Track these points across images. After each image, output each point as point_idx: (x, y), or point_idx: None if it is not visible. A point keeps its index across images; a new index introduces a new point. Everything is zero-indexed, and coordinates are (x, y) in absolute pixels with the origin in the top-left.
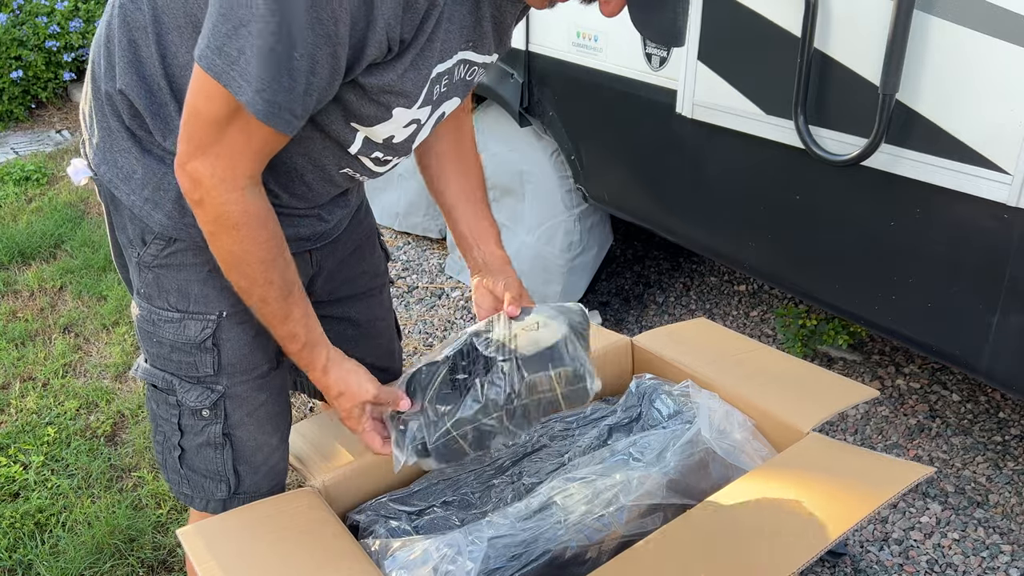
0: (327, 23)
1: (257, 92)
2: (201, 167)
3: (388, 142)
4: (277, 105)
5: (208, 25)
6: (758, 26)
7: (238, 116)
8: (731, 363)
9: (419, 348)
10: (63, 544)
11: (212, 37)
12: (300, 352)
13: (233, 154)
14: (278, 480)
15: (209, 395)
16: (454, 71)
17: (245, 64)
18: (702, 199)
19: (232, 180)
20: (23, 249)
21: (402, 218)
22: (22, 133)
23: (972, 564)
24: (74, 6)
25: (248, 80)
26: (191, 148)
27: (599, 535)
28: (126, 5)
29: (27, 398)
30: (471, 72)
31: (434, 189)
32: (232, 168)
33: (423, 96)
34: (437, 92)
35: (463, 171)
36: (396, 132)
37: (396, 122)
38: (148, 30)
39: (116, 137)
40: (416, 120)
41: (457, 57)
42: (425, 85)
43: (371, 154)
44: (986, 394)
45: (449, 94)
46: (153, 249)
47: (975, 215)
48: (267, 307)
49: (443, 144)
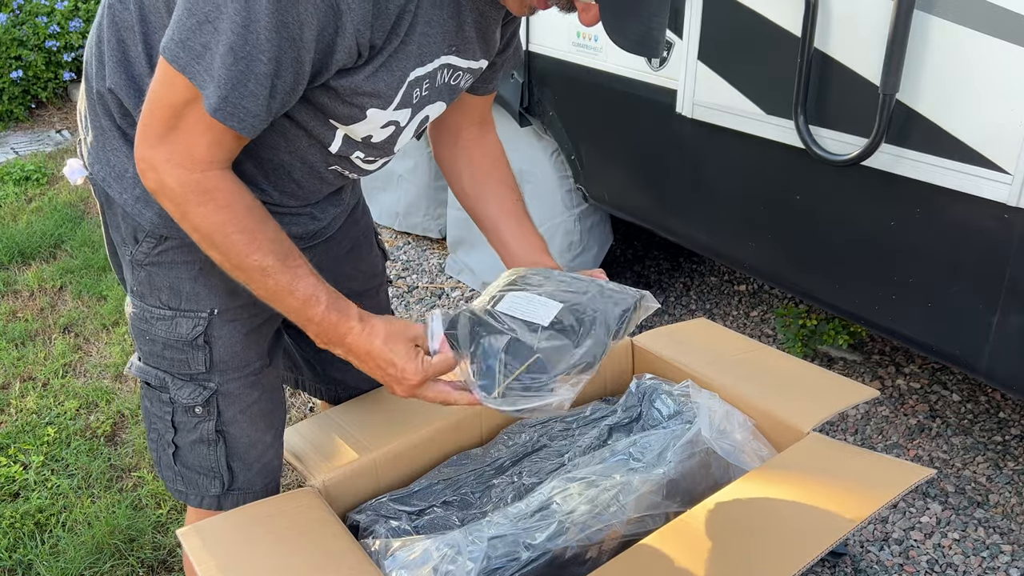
0: (292, 27)
1: (217, 88)
2: (156, 154)
3: (367, 141)
4: (234, 105)
5: (175, 17)
6: (758, 26)
7: (195, 104)
8: (731, 363)
9: None
10: (63, 544)
11: (177, 30)
12: (327, 315)
13: (189, 141)
14: (272, 477)
15: (202, 392)
16: (436, 75)
17: (210, 59)
18: (702, 199)
19: (188, 164)
20: (23, 249)
21: (402, 218)
22: (22, 133)
23: (972, 564)
24: (74, 6)
25: (211, 75)
26: (147, 138)
27: (599, 535)
28: (114, 5)
29: (27, 398)
30: (455, 77)
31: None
32: (188, 154)
33: (399, 98)
34: (417, 96)
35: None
36: (374, 132)
37: (372, 123)
38: (135, 30)
39: (108, 136)
40: (394, 122)
41: (438, 62)
42: (401, 88)
43: (352, 153)
44: (986, 394)
45: (432, 98)
46: (145, 247)
47: (975, 215)
48: (270, 279)
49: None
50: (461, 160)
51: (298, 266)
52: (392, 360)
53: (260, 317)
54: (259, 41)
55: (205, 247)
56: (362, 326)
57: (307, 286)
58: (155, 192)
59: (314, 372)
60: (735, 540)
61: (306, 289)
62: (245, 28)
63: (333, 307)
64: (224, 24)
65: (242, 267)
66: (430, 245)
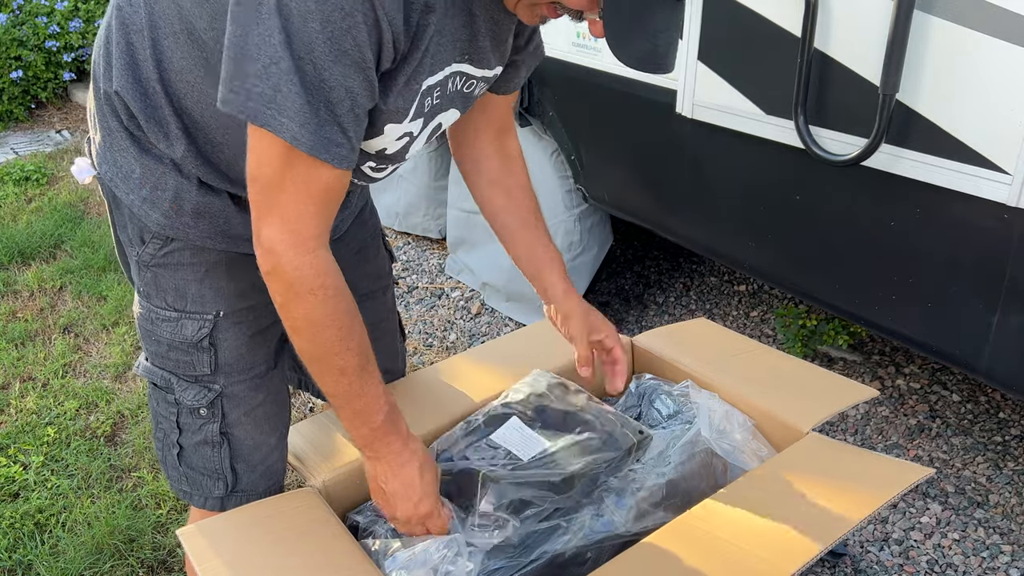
0: (351, 53)
1: (301, 127)
2: (271, 233)
3: (381, 154)
4: (323, 137)
5: (230, 69)
6: (758, 26)
7: (291, 161)
8: (731, 363)
9: (419, 348)
10: (63, 544)
11: (238, 79)
12: (382, 426)
13: (297, 208)
14: (275, 479)
15: (206, 394)
16: (447, 83)
17: (283, 101)
18: (702, 199)
19: (302, 243)
20: (23, 249)
21: (402, 218)
22: (22, 133)
23: (972, 564)
24: (74, 6)
25: (289, 116)
26: (258, 215)
27: (599, 535)
28: (123, 7)
29: (27, 398)
30: (469, 85)
31: (488, 214)
32: (299, 229)
33: (413, 110)
34: (429, 104)
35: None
36: (388, 145)
37: (388, 137)
38: (144, 33)
39: (116, 137)
40: (408, 133)
41: (449, 70)
42: (415, 99)
43: (364, 164)
44: (986, 394)
45: (444, 106)
46: (151, 248)
47: (975, 215)
48: (344, 379)
49: (493, 171)
50: (481, 163)
51: (373, 371)
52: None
53: (266, 320)
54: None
55: (294, 334)
56: (404, 443)
57: (374, 393)
58: (268, 275)
59: None
60: (735, 540)
61: (374, 397)
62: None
63: (389, 420)
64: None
65: (323, 362)
66: (430, 245)
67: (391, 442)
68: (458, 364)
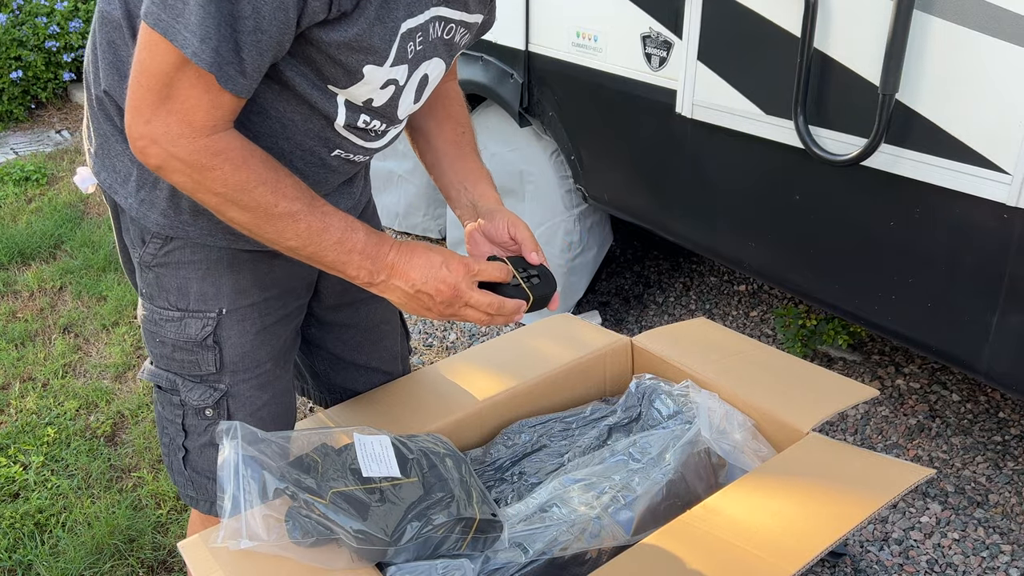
0: None
1: (202, 41)
2: (154, 128)
3: (369, 105)
4: (223, 57)
5: None
6: (758, 26)
7: (186, 70)
8: (731, 363)
9: (419, 348)
10: (63, 544)
11: None
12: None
13: (186, 109)
14: None
15: (212, 394)
16: (428, 28)
17: (189, 15)
18: (702, 199)
19: (190, 134)
20: (23, 249)
21: (402, 218)
22: (22, 133)
23: (972, 564)
24: (74, 6)
25: (192, 31)
26: (141, 114)
27: (599, 536)
28: (102, 6)
29: (27, 398)
30: (449, 31)
31: (420, 148)
32: (188, 123)
33: (394, 53)
34: (412, 50)
35: (447, 120)
36: (374, 95)
37: (370, 83)
38: (123, 27)
39: (111, 141)
40: (393, 80)
41: (429, 13)
42: (395, 41)
43: (356, 122)
44: (986, 394)
45: (427, 53)
46: (151, 248)
47: (975, 215)
48: (301, 222)
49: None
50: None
51: (324, 205)
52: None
53: (271, 317)
54: None
55: (227, 211)
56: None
57: (340, 220)
58: (161, 168)
59: (318, 381)
60: (735, 540)
61: (340, 222)
62: None
63: (372, 232)
64: None
65: (272, 218)
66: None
67: (386, 251)
68: (458, 364)
